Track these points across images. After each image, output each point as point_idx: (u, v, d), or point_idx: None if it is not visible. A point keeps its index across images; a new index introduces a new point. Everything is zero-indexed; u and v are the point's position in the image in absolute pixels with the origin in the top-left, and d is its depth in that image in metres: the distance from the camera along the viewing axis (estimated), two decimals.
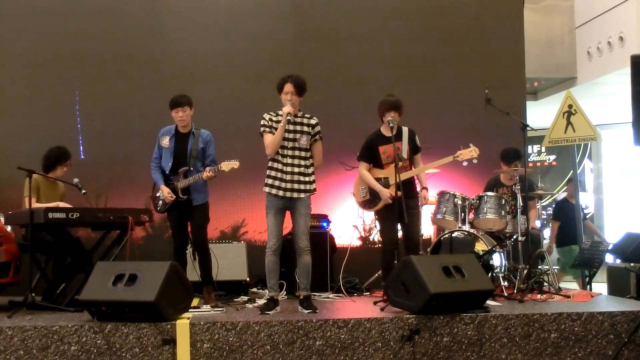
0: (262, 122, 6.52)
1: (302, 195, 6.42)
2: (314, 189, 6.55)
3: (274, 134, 6.42)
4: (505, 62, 9.57)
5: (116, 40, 9.14)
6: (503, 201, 7.70)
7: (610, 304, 6.76)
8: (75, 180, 7.15)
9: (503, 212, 7.66)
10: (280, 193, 6.38)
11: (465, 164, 7.06)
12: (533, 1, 11.12)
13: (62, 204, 7.05)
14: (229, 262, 7.95)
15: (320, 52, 9.36)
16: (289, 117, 6.35)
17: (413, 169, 7.02)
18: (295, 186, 6.41)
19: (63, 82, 9.03)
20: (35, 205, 6.84)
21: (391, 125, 6.82)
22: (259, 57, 9.24)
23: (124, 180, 8.73)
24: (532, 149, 13.45)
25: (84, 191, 7.07)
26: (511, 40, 9.64)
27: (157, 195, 7.11)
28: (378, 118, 7.08)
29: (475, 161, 7.01)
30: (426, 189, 7.09)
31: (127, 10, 9.28)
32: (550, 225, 8.21)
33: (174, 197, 6.89)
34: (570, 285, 8.76)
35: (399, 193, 6.49)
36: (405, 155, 6.95)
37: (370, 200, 7.04)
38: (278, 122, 6.43)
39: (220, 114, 8.79)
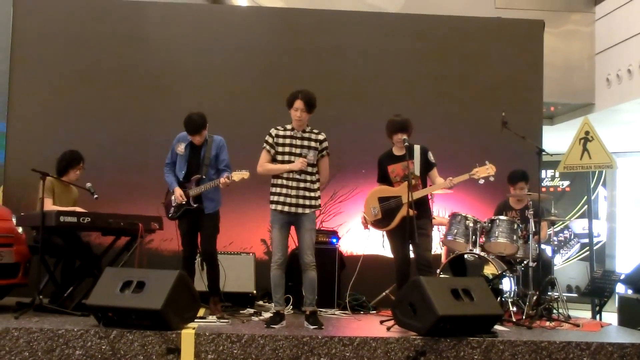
0: (266, 137, 6.52)
1: (307, 210, 6.41)
2: (319, 205, 6.54)
3: (271, 153, 6.42)
4: (523, 86, 9.53)
5: (134, 48, 9.22)
6: (515, 225, 7.66)
7: (620, 335, 6.70)
8: (88, 184, 7.19)
9: (515, 237, 7.61)
10: (285, 209, 6.37)
11: (481, 181, 6.97)
12: (553, 26, 11.08)
13: (78, 209, 7.07)
14: (236, 274, 7.94)
15: (339, 67, 9.38)
16: (297, 134, 6.35)
17: (428, 186, 6.97)
18: (301, 201, 6.40)
19: (81, 87, 9.10)
20: (51, 207, 6.87)
21: (406, 144, 6.78)
22: (273, 71, 9.27)
23: (136, 186, 8.75)
24: (546, 174, 13.38)
25: (96, 196, 7.10)
26: (530, 64, 9.61)
27: (169, 202, 7.12)
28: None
29: (492, 179, 6.93)
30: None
31: (146, 18, 9.37)
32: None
33: (185, 199, 6.89)
34: (581, 313, 8.67)
35: (411, 212, 6.46)
36: (417, 173, 6.90)
37: (382, 219, 6.99)
38: (284, 137, 6.43)
39: (239, 126, 8.78)
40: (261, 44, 9.41)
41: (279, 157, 6.47)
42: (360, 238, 7.86)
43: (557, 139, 11.75)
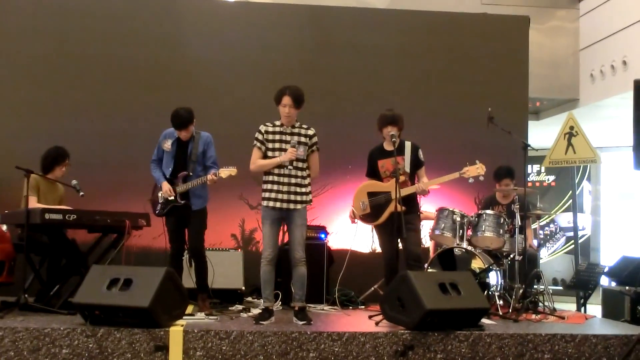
0: (256, 135, 6.51)
1: (299, 206, 6.42)
2: (310, 200, 6.55)
3: (262, 150, 6.42)
4: (509, 81, 9.58)
5: (120, 44, 9.16)
6: (501, 220, 7.71)
7: (604, 327, 6.76)
8: (74, 182, 7.15)
9: (501, 231, 7.67)
10: (278, 205, 6.37)
11: (471, 180, 7.01)
12: (539, 22, 11.13)
13: (64, 207, 7.02)
14: (225, 270, 7.90)
15: (325, 63, 9.39)
16: (286, 130, 6.36)
17: (416, 183, 6.98)
18: (292, 197, 6.40)
19: (64, 83, 9.03)
20: (36, 205, 6.81)
21: (393, 139, 6.81)
22: (266, 66, 9.25)
23: (123, 183, 8.70)
24: (532, 169, 13.44)
25: (81, 193, 7.06)
26: (516, 59, 9.65)
27: (156, 198, 7.09)
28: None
29: (482, 178, 6.98)
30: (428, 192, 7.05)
31: (133, 14, 9.32)
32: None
33: (174, 193, 6.86)
34: (566, 306, 8.73)
35: (400, 207, 6.47)
36: (407, 169, 6.93)
37: (370, 214, 7.00)
38: (274, 133, 6.43)
39: (226, 122, 8.76)
40: (249, 40, 9.40)
41: (270, 154, 6.46)
42: (349, 233, 7.86)
43: (542, 134, 11.80)
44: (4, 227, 7.13)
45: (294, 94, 6.39)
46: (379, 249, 7.17)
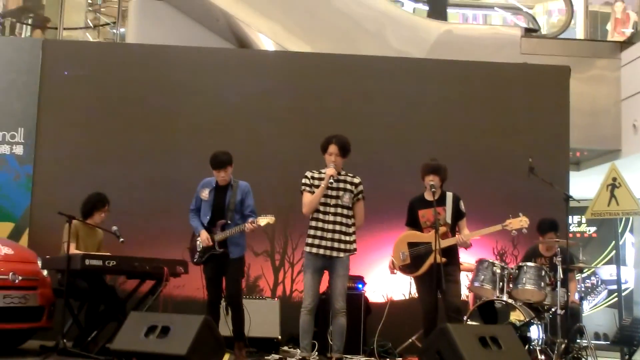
0: (303, 180, 6.53)
1: (342, 255, 6.38)
2: (355, 249, 6.53)
3: (313, 193, 6.42)
4: (550, 132, 9.48)
5: (160, 92, 9.28)
6: (543, 272, 7.57)
7: None
8: (114, 228, 7.22)
9: (542, 284, 7.52)
10: (321, 252, 6.35)
11: (514, 233, 6.93)
12: (579, 71, 11.05)
13: (104, 255, 7.07)
14: (261, 318, 7.85)
15: (363, 112, 9.37)
16: (331, 179, 6.35)
17: (457, 235, 6.92)
18: (336, 245, 6.38)
19: (106, 130, 9.16)
20: (73, 251, 6.87)
21: (433, 189, 6.78)
22: (303, 114, 9.29)
23: (161, 230, 8.74)
24: (572, 219, 13.24)
25: (122, 239, 7.11)
26: (556, 109, 9.55)
27: (194, 246, 7.11)
28: (420, 182, 7.04)
29: (525, 231, 6.89)
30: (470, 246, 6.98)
31: (172, 63, 9.44)
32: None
33: (212, 242, 6.87)
34: None
35: (440, 258, 6.40)
36: (448, 220, 6.87)
37: (410, 265, 6.93)
38: (320, 180, 6.42)
39: (256, 169, 8.78)
40: (287, 89, 9.46)
41: None
42: (388, 283, 7.80)
43: (583, 185, 11.64)
44: (45, 272, 7.19)
45: (341, 143, 6.43)
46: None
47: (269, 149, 9.19)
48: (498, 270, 7.61)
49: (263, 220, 6.72)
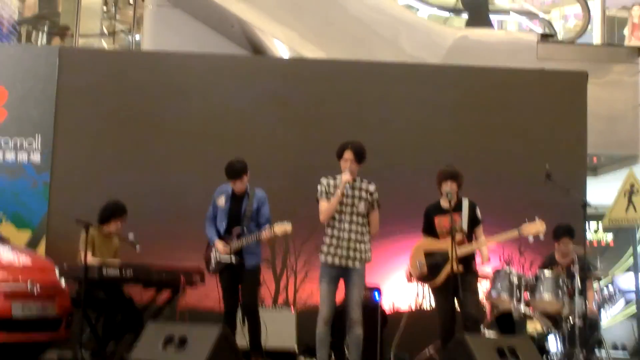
0: (319, 188, 6.51)
1: (357, 264, 6.35)
2: (370, 257, 6.49)
3: (329, 199, 6.40)
4: (567, 137, 9.40)
5: (175, 100, 9.25)
6: (560, 281, 7.49)
7: None
8: (130, 235, 7.21)
9: (560, 293, 7.42)
10: (336, 261, 6.32)
11: (531, 239, 6.88)
12: (596, 76, 10.95)
13: (121, 263, 7.08)
14: (277, 329, 7.82)
15: (381, 118, 9.34)
16: (347, 185, 6.33)
17: (473, 242, 6.88)
18: (352, 254, 6.35)
19: (122, 137, 9.17)
20: (90, 260, 6.88)
21: (449, 197, 6.74)
22: (320, 122, 9.26)
23: (177, 237, 8.73)
24: (589, 226, 13.13)
25: (138, 247, 7.11)
26: (573, 115, 9.48)
27: (209, 255, 7.10)
28: (435, 188, 7.01)
29: (542, 236, 6.84)
30: (488, 260, 6.94)
31: (186, 72, 9.43)
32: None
33: (229, 250, 6.86)
34: None
35: (457, 267, 6.37)
36: (465, 227, 6.83)
37: (427, 274, 6.90)
38: (336, 187, 6.40)
39: (272, 176, 8.75)
40: (302, 95, 9.42)
41: None
42: (404, 292, 7.76)
43: (600, 191, 11.55)
44: (62, 282, 7.20)
45: (356, 149, 6.40)
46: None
47: (285, 157, 9.16)
48: (515, 280, 7.52)
49: (279, 228, 6.72)
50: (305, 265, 8.84)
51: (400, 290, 8.49)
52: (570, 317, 7.38)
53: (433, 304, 7.14)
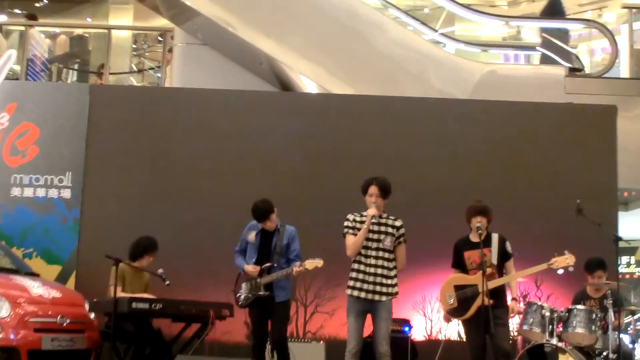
0: (345, 223, 6.53)
1: (384, 298, 6.33)
2: (396, 292, 6.48)
3: (355, 235, 6.40)
4: (597, 172, 9.32)
5: (206, 135, 9.36)
6: (594, 315, 7.40)
7: None
8: (160, 270, 7.26)
9: (593, 327, 7.33)
10: (362, 295, 6.32)
11: (560, 271, 6.85)
12: (625, 109, 10.83)
13: (147, 296, 7.11)
14: None
15: (407, 153, 9.33)
16: (373, 220, 6.33)
17: (504, 276, 6.83)
18: (377, 288, 6.34)
19: (152, 173, 9.28)
20: (119, 294, 6.91)
21: (479, 231, 6.72)
22: (348, 156, 9.28)
23: (206, 273, 8.74)
24: (621, 260, 12.99)
25: (167, 282, 7.13)
26: (604, 149, 9.41)
27: (239, 290, 7.10)
28: (464, 223, 7.00)
29: (571, 269, 6.80)
30: (516, 299, 6.91)
31: (213, 107, 9.55)
32: None
33: (258, 269, 6.87)
34: None
35: (487, 301, 6.33)
36: (494, 261, 6.80)
37: (458, 308, 6.86)
38: (362, 223, 6.41)
39: (301, 210, 8.74)
40: (330, 131, 9.46)
41: None
42: (434, 326, 7.71)
43: (632, 225, 11.43)
44: (92, 315, 7.23)
45: (381, 184, 6.42)
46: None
47: (313, 191, 9.15)
48: (547, 313, 7.44)
49: (311, 264, 6.74)
50: (315, 299, 8.83)
51: (431, 324, 8.42)
52: (604, 351, 7.28)
53: (464, 338, 7.07)
